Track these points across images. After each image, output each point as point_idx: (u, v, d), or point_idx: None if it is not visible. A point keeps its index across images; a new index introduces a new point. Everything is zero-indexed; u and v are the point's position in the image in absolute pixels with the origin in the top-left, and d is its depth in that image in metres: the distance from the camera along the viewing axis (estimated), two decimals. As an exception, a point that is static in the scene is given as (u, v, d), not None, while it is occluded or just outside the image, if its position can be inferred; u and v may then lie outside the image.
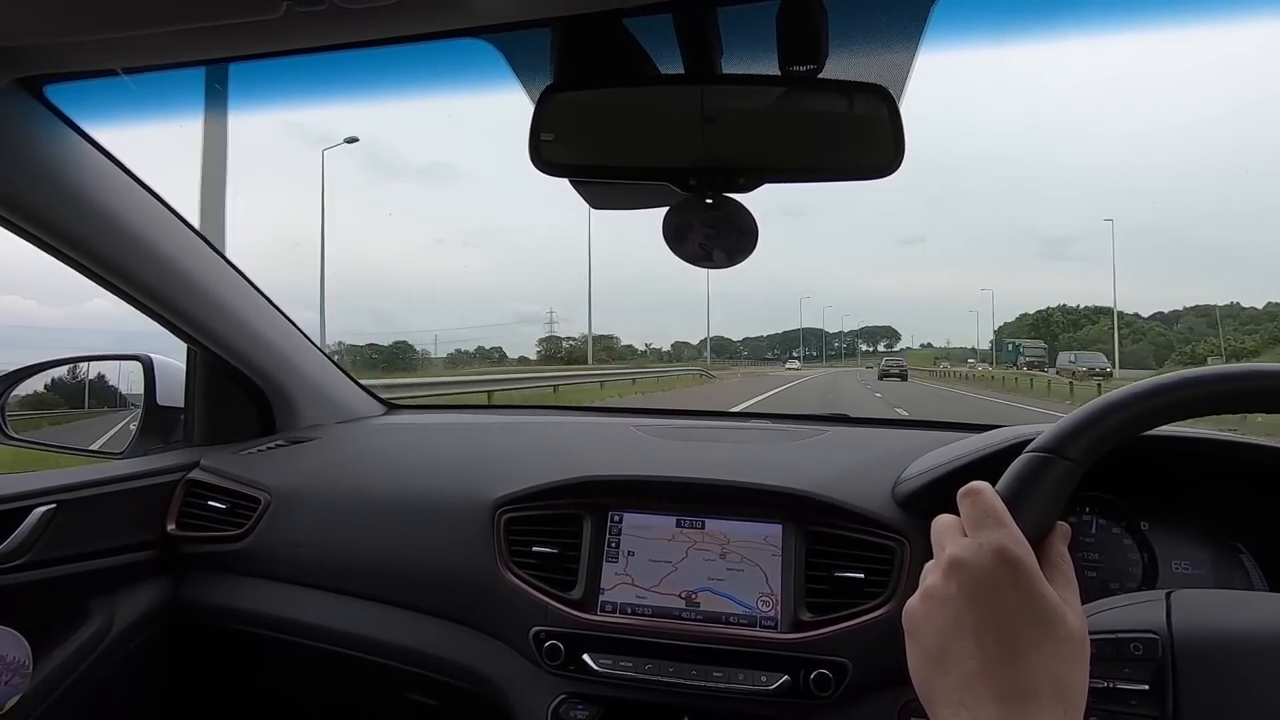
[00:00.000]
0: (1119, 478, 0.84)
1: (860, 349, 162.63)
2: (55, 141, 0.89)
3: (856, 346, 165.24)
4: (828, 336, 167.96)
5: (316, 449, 1.28)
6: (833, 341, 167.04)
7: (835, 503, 0.88)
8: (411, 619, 1.03)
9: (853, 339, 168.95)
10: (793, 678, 0.83)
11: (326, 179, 29.17)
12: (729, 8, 0.63)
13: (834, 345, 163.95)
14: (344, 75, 0.81)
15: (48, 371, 1.36)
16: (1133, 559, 0.84)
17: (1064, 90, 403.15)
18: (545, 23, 0.65)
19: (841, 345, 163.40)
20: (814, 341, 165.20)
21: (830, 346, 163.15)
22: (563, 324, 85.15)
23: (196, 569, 1.18)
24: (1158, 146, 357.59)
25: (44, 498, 1.03)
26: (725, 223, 0.67)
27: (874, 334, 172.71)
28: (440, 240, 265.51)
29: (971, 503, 0.44)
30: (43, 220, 0.92)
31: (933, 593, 0.43)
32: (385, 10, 0.58)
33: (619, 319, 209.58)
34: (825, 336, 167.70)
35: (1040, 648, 0.39)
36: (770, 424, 1.31)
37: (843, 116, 0.66)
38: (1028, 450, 0.48)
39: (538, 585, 0.93)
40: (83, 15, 0.61)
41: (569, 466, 0.99)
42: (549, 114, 0.65)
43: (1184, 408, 0.48)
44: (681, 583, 0.89)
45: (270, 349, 1.30)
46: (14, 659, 0.93)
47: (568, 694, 0.90)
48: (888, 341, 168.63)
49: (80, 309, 53.49)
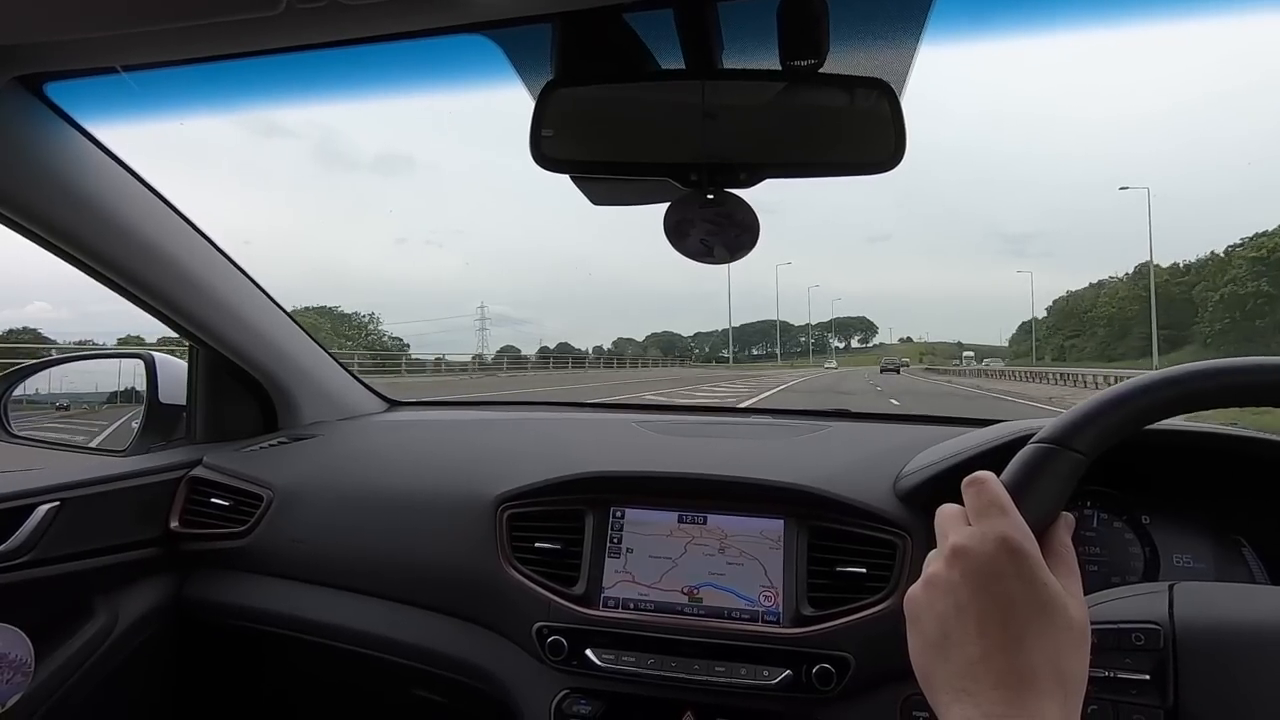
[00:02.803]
0: (1120, 472, 0.84)
1: (832, 345, 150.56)
2: (55, 139, 0.89)
3: (827, 342, 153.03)
4: (793, 331, 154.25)
5: (319, 446, 1.28)
6: (798, 336, 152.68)
7: (837, 498, 0.88)
8: (414, 615, 1.04)
9: (822, 333, 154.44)
10: (795, 672, 0.83)
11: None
12: (729, 2, 0.63)
13: (799, 340, 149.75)
14: (344, 72, 0.81)
15: (49, 370, 1.36)
16: (1134, 553, 0.84)
17: (1025, 87, 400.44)
18: (546, 18, 0.65)
19: (810, 340, 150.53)
20: (777, 337, 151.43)
21: (796, 342, 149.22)
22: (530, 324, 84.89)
23: (199, 566, 1.18)
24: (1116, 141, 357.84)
25: (47, 496, 1.03)
26: (726, 218, 0.67)
27: (847, 327, 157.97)
28: (403, 240, 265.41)
29: (976, 492, 0.44)
30: (43, 218, 0.92)
31: (935, 580, 0.43)
32: (386, 6, 0.58)
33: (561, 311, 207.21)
34: (790, 331, 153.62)
35: (1041, 635, 0.40)
36: (772, 419, 1.31)
37: (844, 111, 0.66)
38: (1033, 441, 0.48)
39: (540, 581, 0.93)
40: (83, 13, 0.61)
41: (571, 462, 1.00)
42: (550, 110, 0.65)
43: (1191, 401, 0.48)
44: (683, 578, 0.90)
45: (272, 346, 1.30)
46: (16, 657, 0.93)
47: (570, 689, 0.90)
48: (862, 335, 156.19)
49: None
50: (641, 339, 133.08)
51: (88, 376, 1.46)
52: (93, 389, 1.47)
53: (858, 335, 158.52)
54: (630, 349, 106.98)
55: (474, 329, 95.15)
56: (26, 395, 1.33)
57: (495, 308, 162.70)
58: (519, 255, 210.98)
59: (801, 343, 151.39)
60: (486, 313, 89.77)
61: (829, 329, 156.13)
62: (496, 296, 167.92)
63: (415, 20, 0.64)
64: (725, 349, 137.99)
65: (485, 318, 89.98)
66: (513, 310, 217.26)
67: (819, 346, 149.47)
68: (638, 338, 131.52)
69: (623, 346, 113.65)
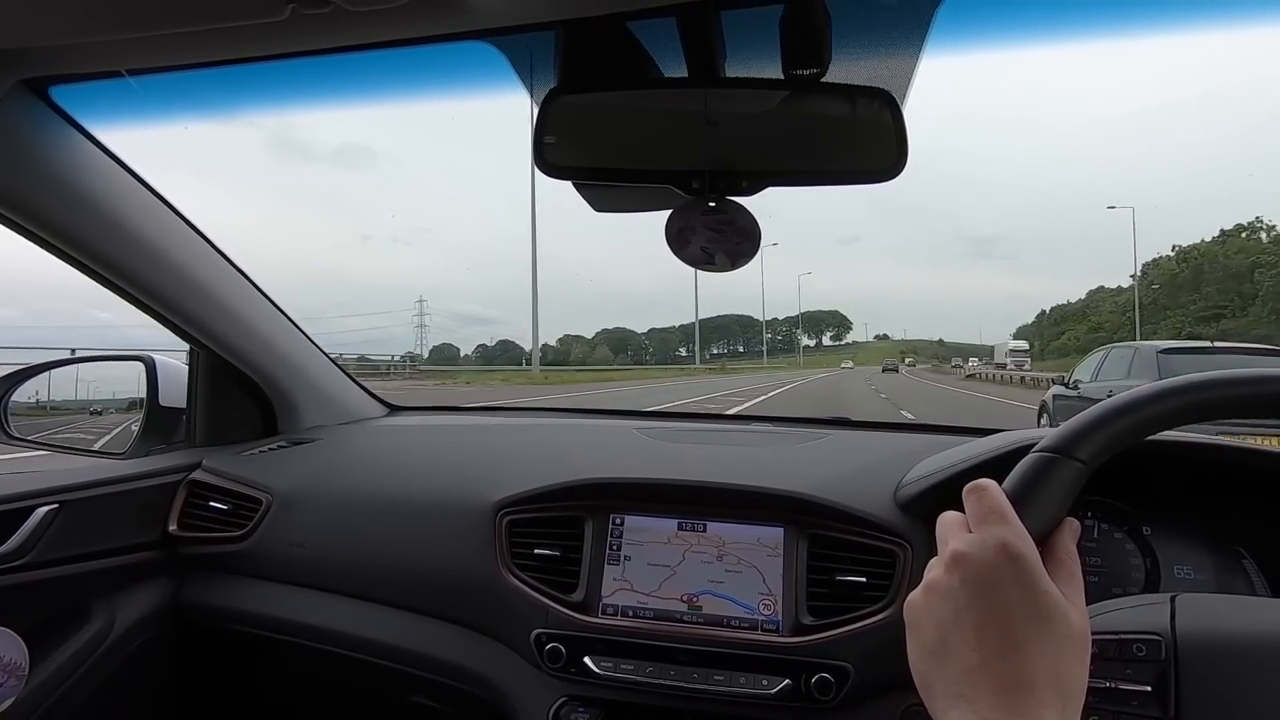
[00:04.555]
0: (1121, 482, 0.84)
1: (801, 342, 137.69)
2: (60, 143, 0.89)
3: (795, 339, 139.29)
4: (756, 326, 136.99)
5: (318, 450, 1.28)
6: (762, 332, 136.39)
7: (837, 506, 0.88)
8: (412, 621, 1.03)
9: (789, 329, 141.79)
10: (794, 681, 0.83)
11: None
12: (732, 11, 0.64)
13: (764, 338, 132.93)
14: (348, 78, 0.81)
15: (49, 372, 1.36)
16: (1135, 564, 0.84)
17: (990, 92, 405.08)
18: (549, 26, 0.65)
19: (776, 337, 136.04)
20: (739, 334, 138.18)
21: (758, 340, 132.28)
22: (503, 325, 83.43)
23: (198, 570, 1.18)
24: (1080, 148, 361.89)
25: (46, 498, 1.03)
26: (728, 226, 0.67)
27: (817, 322, 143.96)
28: (369, 237, 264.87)
29: (977, 499, 0.45)
30: (47, 221, 0.92)
31: (935, 586, 0.43)
32: (389, 13, 0.58)
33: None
34: (754, 327, 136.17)
35: (1041, 643, 0.40)
36: (772, 426, 1.31)
37: (846, 120, 0.66)
38: (1036, 450, 0.48)
39: (539, 588, 0.93)
40: (88, 17, 0.61)
41: (571, 468, 0.99)
42: (553, 117, 0.65)
43: (1195, 412, 0.48)
44: (682, 586, 0.89)
45: (272, 350, 1.30)
46: (10, 660, 0.93)
47: (569, 697, 0.90)
48: (835, 331, 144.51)
49: (94, 310, 52.46)
50: (591, 335, 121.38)
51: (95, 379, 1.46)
52: (109, 394, 1.48)
53: (829, 331, 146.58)
54: (577, 348, 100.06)
55: (428, 327, 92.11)
56: (52, 401, 1.34)
57: (466, 307, 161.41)
58: (488, 253, 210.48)
59: (773, 340, 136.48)
60: (427, 308, 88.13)
61: (796, 324, 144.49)
62: (464, 296, 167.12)
63: (419, 27, 0.64)
64: (685, 346, 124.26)
65: (425, 314, 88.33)
66: (483, 309, 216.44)
67: (785, 344, 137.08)
68: (587, 334, 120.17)
69: (569, 345, 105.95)
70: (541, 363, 41.11)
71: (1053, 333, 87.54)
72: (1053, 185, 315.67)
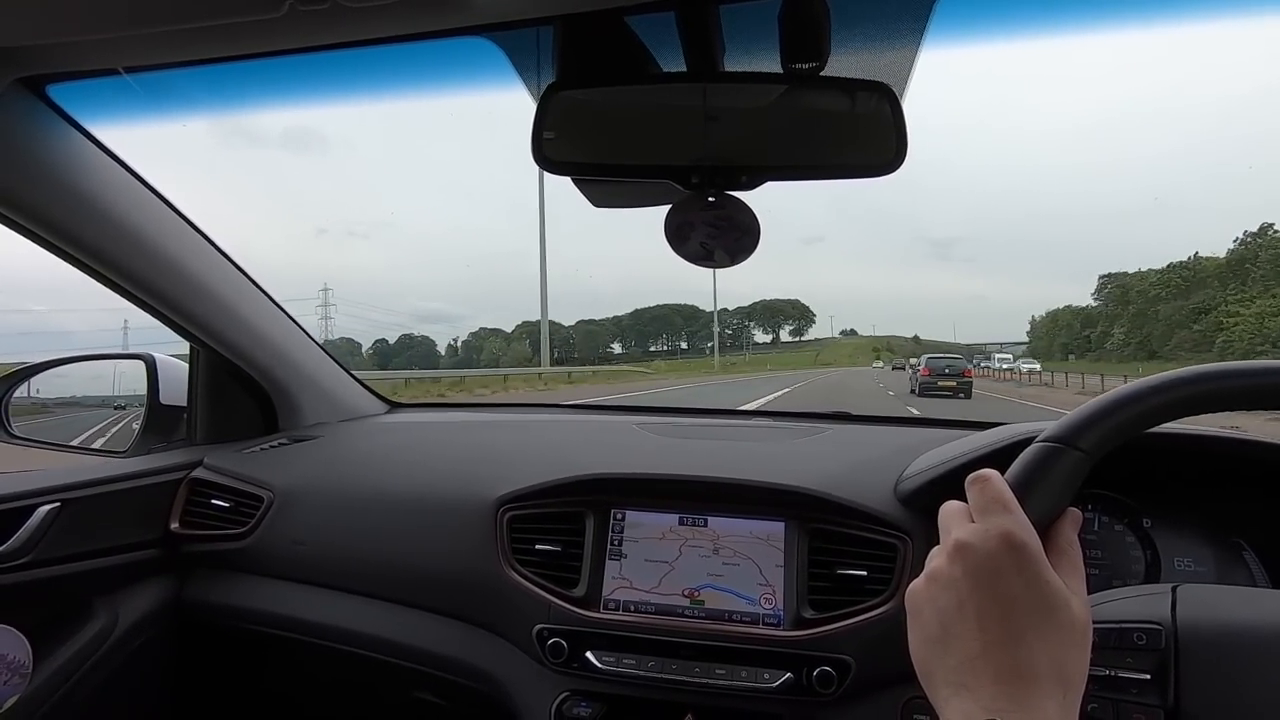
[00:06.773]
0: (1122, 475, 0.84)
1: (751, 338, 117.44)
2: (58, 141, 0.89)
3: (746, 334, 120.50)
4: (701, 319, 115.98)
5: (319, 447, 1.28)
6: (708, 325, 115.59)
7: (838, 500, 0.88)
8: (414, 617, 1.04)
9: (742, 322, 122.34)
10: (796, 675, 0.83)
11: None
12: (731, 5, 0.63)
13: (710, 330, 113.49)
14: (346, 74, 0.81)
15: (50, 371, 1.36)
16: (1135, 556, 0.84)
17: (951, 94, 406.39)
18: (547, 21, 0.65)
19: (725, 330, 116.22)
20: (681, 326, 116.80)
21: (703, 336, 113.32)
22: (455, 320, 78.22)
23: (200, 568, 1.18)
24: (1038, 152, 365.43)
25: (48, 496, 1.03)
26: (727, 221, 0.67)
27: (775, 313, 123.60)
28: (324, 231, 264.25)
29: (979, 489, 0.45)
30: (45, 219, 0.92)
31: (937, 575, 0.43)
32: (387, 8, 0.58)
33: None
34: (699, 318, 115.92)
35: (1042, 632, 0.40)
36: (773, 422, 1.31)
37: (845, 114, 0.66)
38: (1039, 440, 0.48)
39: (541, 583, 0.93)
40: (85, 15, 0.61)
41: (571, 464, 1.00)
42: (551, 112, 0.65)
43: (1198, 403, 0.48)
44: (683, 580, 0.90)
45: (273, 347, 1.30)
46: (14, 658, 0.93)
47: (571, 691, 0.90)
48: (795, 326, 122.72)
49: (81, 309, 51.22)
50: (510, 329, 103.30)
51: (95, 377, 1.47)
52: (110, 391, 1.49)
53: (789, 325, 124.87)
54: (491, 343, 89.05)
55: (333, 319, 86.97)
56: (79, 398, 1.34)
57: (429, 304, 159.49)
58: (450, 248, 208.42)
59: (721, 334, 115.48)
60: (332, 298, 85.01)
61: (750, 315, 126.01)
62: (425, 292, 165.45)
63: (417, 22, 0.64)
64: (618, 341, 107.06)
65: (329, 304, 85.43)
66: (448, 306, 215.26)
67: (735, 341, 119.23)
68: (507, 328, 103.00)
69: (483, 339, 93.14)
70: (450, 364, 38.54)
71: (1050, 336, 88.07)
72: (1004, 190, 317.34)
